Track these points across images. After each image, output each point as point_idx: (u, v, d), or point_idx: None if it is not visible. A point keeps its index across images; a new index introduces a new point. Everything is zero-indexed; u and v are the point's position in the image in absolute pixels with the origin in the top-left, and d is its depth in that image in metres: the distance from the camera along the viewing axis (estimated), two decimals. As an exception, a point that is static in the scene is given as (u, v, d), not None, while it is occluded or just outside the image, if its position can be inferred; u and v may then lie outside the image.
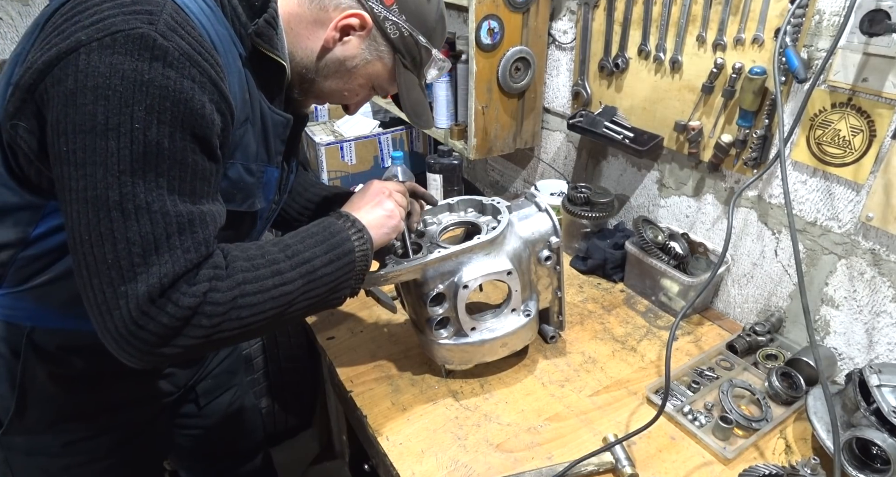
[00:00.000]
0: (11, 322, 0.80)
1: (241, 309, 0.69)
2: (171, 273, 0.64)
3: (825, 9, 1.01)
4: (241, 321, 0.69)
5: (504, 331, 1.08)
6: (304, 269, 0.75)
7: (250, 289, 0.70)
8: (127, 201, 0.62)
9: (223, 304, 0.67)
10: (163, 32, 0.62)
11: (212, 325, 0.67)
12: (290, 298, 0.74)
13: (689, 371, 1.16)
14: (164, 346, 0.65)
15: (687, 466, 0.97)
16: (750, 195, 1.24)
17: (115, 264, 0.62)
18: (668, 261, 1.30)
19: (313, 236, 0.79)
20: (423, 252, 1.02)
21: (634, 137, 1.38)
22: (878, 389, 0.91)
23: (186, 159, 0.65)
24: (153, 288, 0.63)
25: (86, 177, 0.61)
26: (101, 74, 0.60)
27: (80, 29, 0.61)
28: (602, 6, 1.39)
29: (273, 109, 0.83)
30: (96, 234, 0.62)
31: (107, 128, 0.60)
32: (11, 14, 1.61)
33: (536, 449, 1.00)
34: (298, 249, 0.77)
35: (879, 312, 1.08)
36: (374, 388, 1.12)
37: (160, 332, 0.64)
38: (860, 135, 1.01)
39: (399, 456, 0.98)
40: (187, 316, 0.65)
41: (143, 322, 0.63)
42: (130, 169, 0.62)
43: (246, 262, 0.72)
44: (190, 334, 0.66)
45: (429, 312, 1.02)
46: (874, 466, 0.90)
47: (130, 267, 0.62)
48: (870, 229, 1.05)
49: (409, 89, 0.90)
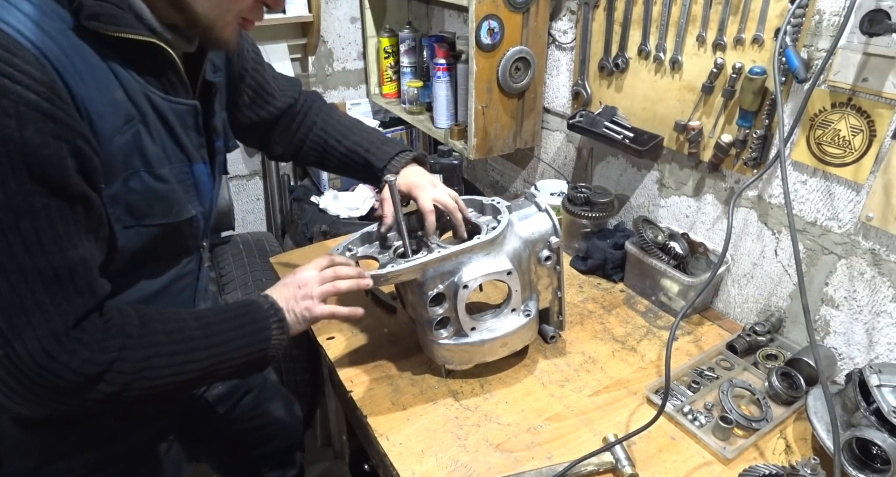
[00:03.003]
0: None
1: (146, 380, 0.70)
2: (49, 334, 0.61)
3: (825, 9, 1.01)
4: (145, 388, 0.70)
5: (504, 331, 1.08)
6: (218, 350, 0.76)
7: (160, 363, 0.71)
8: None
9: (129, 374, 0.68)
10: None
11: (115, 391, 0.67)
12: (197, 375, 0.76)
13: (689, 371, 1.16)
14: (61, 404, 0.65)
15: (687, 466, 0.97)
16: (750, 195, 1.24)
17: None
18: (668, 261, 1.30)
19: (235, 319, 0.79)
20: (423, 252, 1.02)
21: (634, 137, 1.38)
22: (878, 389, 0.91)
23: (34, 205, 0.59)
24: (34, 352, 0.61)
25: None
26: None
27: None
28: (602, 6, 1.39)
29: (169, 99, 0.74)
30: None
31: None
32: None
33: (536, 449, 1.00)
34: (217, 330, 0.77)
35: (879, 312, 1.08)
36: (374, 388, 1.12)
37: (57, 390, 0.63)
38: (860, 135, 1.01)
39: (399, 456, 0.98)
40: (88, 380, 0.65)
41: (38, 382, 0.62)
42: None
43: (163, 336, 0.72)
44: (91, 397, 0.66)
45: (429, 312, 1.02)
46: (874, 466, 0.90)
47: (7, 326, 0.60)
48: (870, 229, 1.05)
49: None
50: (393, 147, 1.10)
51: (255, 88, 1.05)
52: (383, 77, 2.10)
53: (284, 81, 1.12)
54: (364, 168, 1.10)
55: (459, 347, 1.07)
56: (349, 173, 1.16)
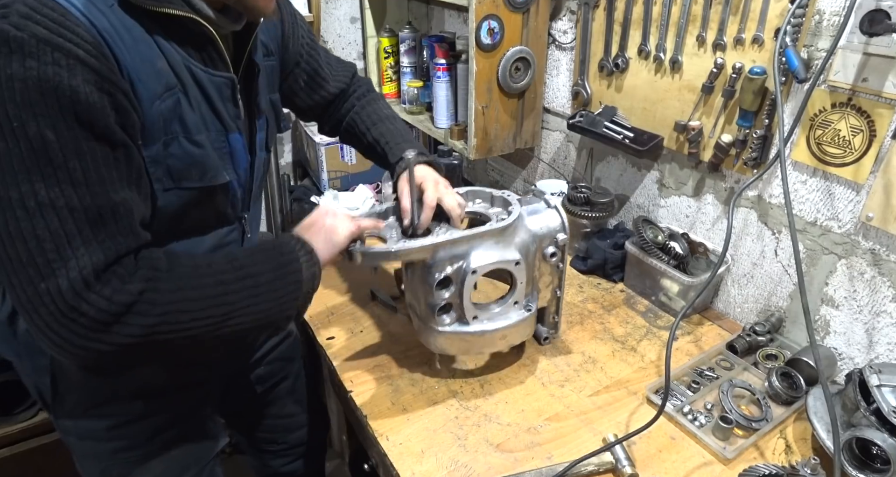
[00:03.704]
0: None
1: (179, 313, 0.69)
2: (89, 266, 0.63)
3: (825, 9, 1.01)
4: (179, 325, 0.69)
5: (505, 323, 1.07)
6: (249, 282, 0.76)
7: (191, 295, 0.71)
8: (28, 199, 0.60)
9: (160, 304, 0.67)
10: (15, 23, 0.58)
11: (148, 325, 0.67)
12: (232, 309, 0.74)
13: (689, 371, 1.16)
14: (96, 342, 0.65)
15: (687, 466, 0.97)
16: (750, 195, 1.24)
17: (30, 262, 0.61)
18: (668, 261, 1.30)
19: (263, 253, 0.80)
20: (435, 233, 1.01)
21: (634, 137, 1.38)
22: (878, 389, 0.91)
23: (81, 148, 0.62)
24: (75, 282, 0.62)
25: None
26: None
27: None
28: (602, 6, 1.39)
29: (209, 72, 0.78)
30: (6, 234, 0.61)
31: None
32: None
33: (536, 449, 1.00)
34: (246, 263, 0.77)
35: (879, 312, 1.08)
36: (374, 388, 1.12)
37: (91, 326, 0.63)
38: (860, 135, 1.01)
39: (399, 456, 0.98)
40: (120, 312, 0.64)
41: (73, 317, 0.63)
42: (24, 168, 0.60)
43: (190, 269, 0.72)
44: (124, 332, 0.65)
45: (434, 296, 1.00)
46: (874, 466, 0.90)
47: (46, 263, 0.61)
48: (870, 229, 1.05)
49: None
50: (410, 145, 1.14)
51: (309, 73, 1.11)
52: (383, 77, 2.10)
53: (338, 66, 1.18)
54: (381, 159, 1.16)
55: (458, 336, 1.06)
56: (372, 160, 1.22)
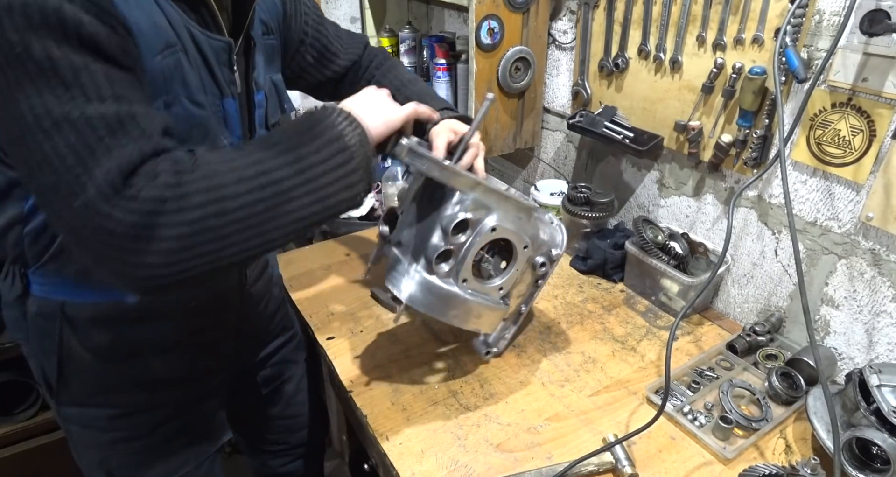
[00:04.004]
0: (46, 297, 0.84)
1: (221, 202, 0.63)
2: (115, 170, 0.60)
3: (825, 9, 1.01)
4: (226, 218, 0.63)
5: (485, 301, 1.00)
6: (290, 157, 0.68)
7: (228, 179, 0.64)
8: (44, 120, 0.59)
9: (196, 195, 0.62)
10: None
11: (191, 220, 0.62)
12: (282, 188, 0.67)
13: (689, 371, 1.16)
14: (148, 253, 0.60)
15: (687, 466, 0.97)
16: (750, 195, 1.24)
17: (60, 183, 0.59)
18: (668, 261, 1.30)
19: (294, 127, 0.72)
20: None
21: (634, 137, 1.38)
22: (878, 389, 0.91)
23: (90, 66, 0.60)
24: (103, 189, 0.59)
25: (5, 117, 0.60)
26: None
27: None
28: (602, 6, 1.39)
29: (207, 34, 0.77)
30: (33, 162, 0.60)
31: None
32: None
33: (536, 449, 1.00)
34: (277, 139, 0.70)
35: (879, 312, 1.08)
36: (374, 388, 1.12)
37: (134, 234, 0.60)
38: (860, 135, 1.01)
39: (399, 456, 0.98)
40: (155, 210, 0.60)
41: (112, 227, 0.59)
42: (35, 89, 0.58)
43: (217, 155, 0.67)
44: (169, 234, 0.60)
45: (443, 237, 0.91)
46: (874, 466, 0.90)
47: (74, 179, 0.59)
48: (870, 229, 1.05)
49: None
50: (440, 103, 1.11)
51: (318, 49, 1.10)
52: (383, 77, 2.10)
53: (348, 39, 1.16)
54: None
55: (436, 290, 0.95)
56: None
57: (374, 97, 0.82)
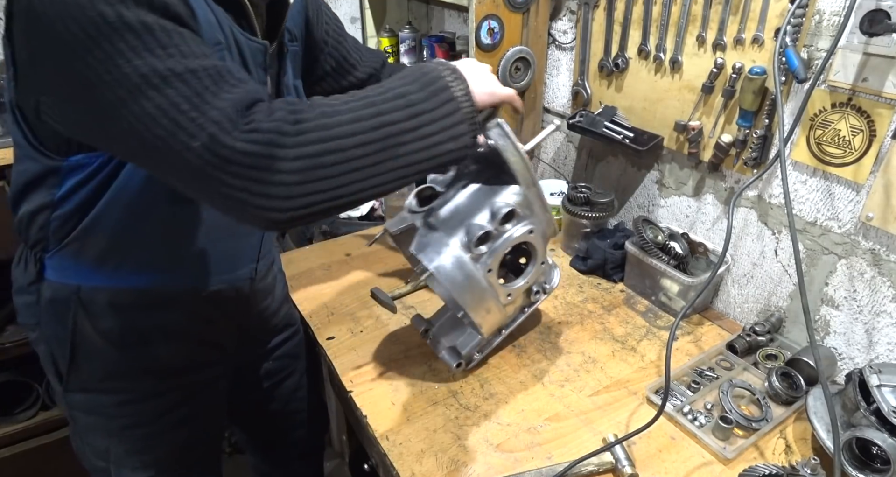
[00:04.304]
0: (61, 282, 0.86)
1: (339, 139, 0.65)
2: (229, 106, 0.62)
3: (825, 9, 1.01)
4: (343, 154, 0.65)
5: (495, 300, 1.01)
6: (401, 102, 0.69)
7: (345, 119, 0.66)
8: (151, 77, 0.61)
9: (313, 129, 0.64)
10: None
11: (310, 154, 0.63)
12: (394, 131, 0.68)
13: (689, 371, 1.16)
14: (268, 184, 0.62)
15: (687, 466, 0.97)
16: (750, 195, 1.24)
17: (177, 130, 0.61)
18: (668, 261, 1.30)
19: (402, 77, 0.73)
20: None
21: (634, 137, 1.38)
22: (878, 389, 0.91)
23: (179, 29, 0.64)
24: (223, 123, 0.61)
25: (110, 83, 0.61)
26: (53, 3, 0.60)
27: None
28: (602, 6, 1.39)
29: (247, 36, 0.81)
30: (144, 120, 0.61)
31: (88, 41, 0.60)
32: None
33: (536, 449, 1.00)
34: (387, 86, 0.71)
35: (879, 312, 1.08)
36: (374, 388, 1.12)
37: (254, 163, 0.62)
38: (860, 135, 1.01)
39: (399, 456, 0.98)
40: (275, 141, 0.62)
41: (237, 159, 0.61)
42: (134, 53, 0.61)
43: (330, 98, 0.68)
44: (288, 167, 0.62)
45: (496, 221, 0.92)
46: (874, 466, 0.90)
47: (191, 121, 0.61)
48: (870, 229, 1.05)
49: None
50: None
51: (337, 58, 1.12)
52: (383, 77, 2.11)
53: (367, 53, 1.18)
54: None
55: (465, 268, 0.94)
56: None
57: (482, 68, 0.82)
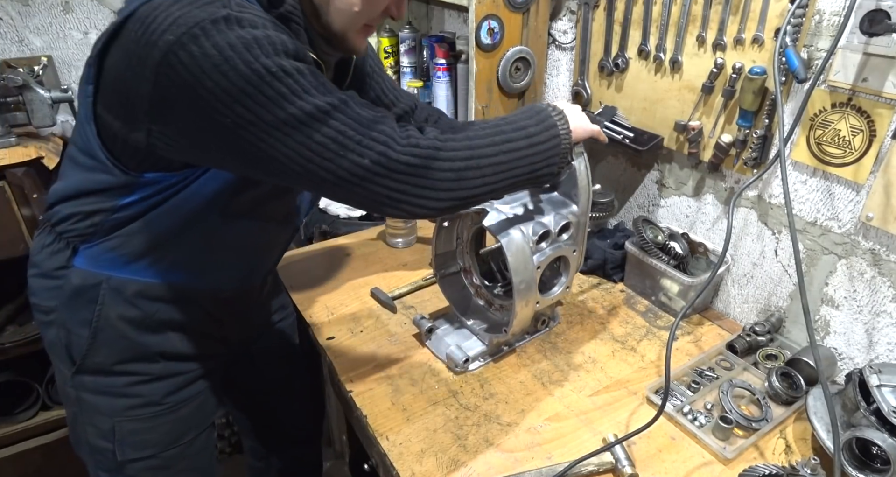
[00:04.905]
0: (93, 271, 0.91)
1: (477, 159, 0.82)
2: (391, 129, 0.76)
3: (825, 9, 1.01)
4: (479, 170, 0.82)
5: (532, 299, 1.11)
6: (522, 133, 0.87)
7: (482, 143, 0.83)
8: (315, 113, 0.71)
9: (460, 149, 0.81)
10: (237, 12, 0.69)
11: (458, 167, 0.80)
12: (515, 155, 0.86)
13: (689, 371, 1.16)
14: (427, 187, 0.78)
15: (687, 466, 0.97)
16: (750, 195, 1.24)
17: (347, 149, 0.73)
18: (668, 261, 1.30)
19: (523, 112, 0.91)
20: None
21: (634, 137, 1.38)
22: (878, 389, 0.91)
23: (319, 73, 0.74)
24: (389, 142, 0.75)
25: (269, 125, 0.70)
26: (211, 55, 0.67)
27: (162, 34, 0.68)
28: (602, 6, 1.39)
29: None
30: (313, 149, 0.73)
31: (256, 85, 0.68)
32: (11, 14, 1.60)
33: (536, 449, 1.00)
34: (511, 119, 0.88)
35: (879, 312, 1.08)
36: (374, 388, 1.12)
37: (417, 172, 0.77)
38: (860, 135, 1.01)
39: (399, 456, 0.98)
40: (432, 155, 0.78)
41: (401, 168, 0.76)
42: (296, 96, 0.70)
43: (467, 126, 0.85)
44: (441, 176, 0.79)
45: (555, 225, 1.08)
46: (874, 466, 0.90)
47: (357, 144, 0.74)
48: (870, 229, 1.05)
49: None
50: None
51: (377, 92, 1.16)
52: (383, 77, 2.10)
53: (402, 94, 1.23)
54: None
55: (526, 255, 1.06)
56: None
57: (576, 109, 0.99)
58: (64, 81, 1.73)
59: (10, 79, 1.35)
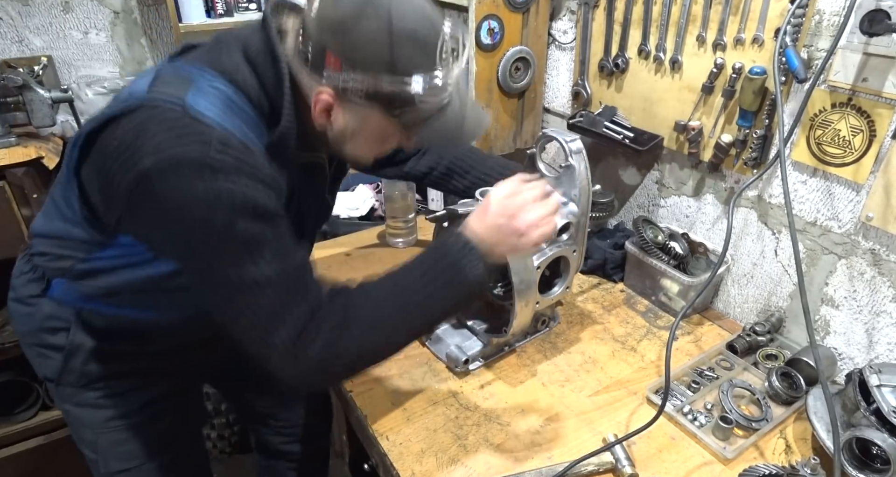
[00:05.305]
0: (64, 302, 0.93)
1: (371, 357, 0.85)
2: (291, 333, 0.76)
3: (825, 9, 1.01)
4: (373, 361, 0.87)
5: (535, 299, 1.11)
6: (421, 316, 0.86)
7: (376, 340, 0.83)
8: (244, 279, 0.74)
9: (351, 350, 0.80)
10: (215, 157, 0.72)
11: (349, 364, 0.82)
12: (413, 325, 0.86)
13: (689, 371, 1.16)
14: (319, 375, 0.81)
15: (687, 466, 0.97)
16: (750, 195, 1.24)
17: (255, 327, 0.76)
18: (668, 261, 1.30)
19: (426, 265, 0.85)
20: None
21: (634, 137, 1.38)
22: (878, 389, 0.91)
23: (267, 236, 0.75)
24: (289, 341, 0.76)
25: (197, 268, 0.77)
26: (176, 198, 0.71)
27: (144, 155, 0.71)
28: (602, 6, 1.39)
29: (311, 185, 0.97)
30: (234, 311, 0.76)
31: (197, 238, 0.73)
32: (11, 14, 1.60)
33: (536, 449, 1.00)
34: (414, 286, 0.84)
35: (879, 312, 1.08)
36: (374, 388, 1.12)
37: (311, 367, 0.79)
38: (860, 135, 1.01)
39: (399, 456, 0.98)
40: (322, 368, 0.79)
41: (296, 364, 0.77)
42: (237, 255, 0.74)
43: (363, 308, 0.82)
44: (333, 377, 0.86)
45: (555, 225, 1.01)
46: (874, 466, 0.90)
47: (265, 329, 0.76)
48: (870, 229, 1.05)
49: (426, 121, 0.82)
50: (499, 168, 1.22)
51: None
52: (383, 77, 2.10)
53: None
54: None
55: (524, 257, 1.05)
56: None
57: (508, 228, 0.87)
58: (64, 81, 1.73)
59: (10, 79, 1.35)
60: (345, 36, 0.73)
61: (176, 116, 0.73)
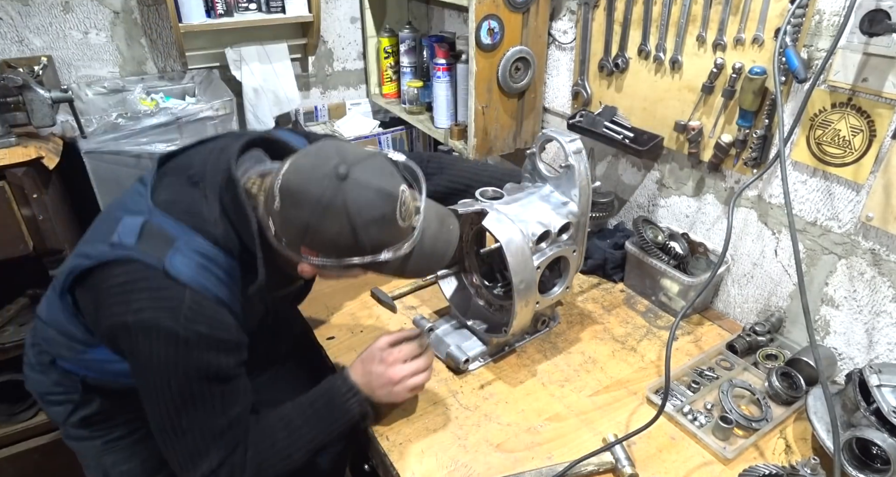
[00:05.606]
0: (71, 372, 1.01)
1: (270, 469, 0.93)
2: (213, 466, 0.87)
3: (825, 9, 1.01)
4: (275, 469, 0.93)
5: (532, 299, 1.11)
6: (311, 446, 0.96)
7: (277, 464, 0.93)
8: (177, 426, 0.86)
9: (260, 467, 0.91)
10: (184, 326, 0.81)
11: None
12: (302, 454, 0.95)
13: (689, 371, 1.16)
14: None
15: (687, 466, 0.97)
16: (750, 195, 1.24)
17: (181, 462, 0.88)
18: (668, 261, 1.30)
19: (317, 414, 0.97)
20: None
21: (634, 137, 1.38)
22: (878, 389, 0.91)
23: (214, 394, 0.86)
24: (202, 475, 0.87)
25: (153, 406, 0.86)
26: (148, 356, 0.83)
27: (126, 312, 0.82)
28: (602, 6, 1.39)
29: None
30: (164, 439, 0.88)
31: (158, 386, 0.84)
32: (11, 14, 1.60)
33: (536, 449, 1.00)
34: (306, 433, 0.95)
35: (879, 312, 1.08)
36: (374, 388, 1.12)
37: None
38: (860, 135, 1.01)
39: (399, 456, 0.98)
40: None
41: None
42: (176, 408, 0.85)
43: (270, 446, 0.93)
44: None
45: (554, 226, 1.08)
46: (874, 466, 0.90)
47: (189, 464, 0.87)
48: (870, 229, 1.05)
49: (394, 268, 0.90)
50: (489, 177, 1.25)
51: None
52: (383, 77, 2.10)
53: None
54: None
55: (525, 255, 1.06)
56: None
57: (384, 377, 0.99)
58: (64, 81, 1.73)
59: (10, 79, 1.35)
60: (313, 237, 0.81)
61: (154, 276, 0.83)
